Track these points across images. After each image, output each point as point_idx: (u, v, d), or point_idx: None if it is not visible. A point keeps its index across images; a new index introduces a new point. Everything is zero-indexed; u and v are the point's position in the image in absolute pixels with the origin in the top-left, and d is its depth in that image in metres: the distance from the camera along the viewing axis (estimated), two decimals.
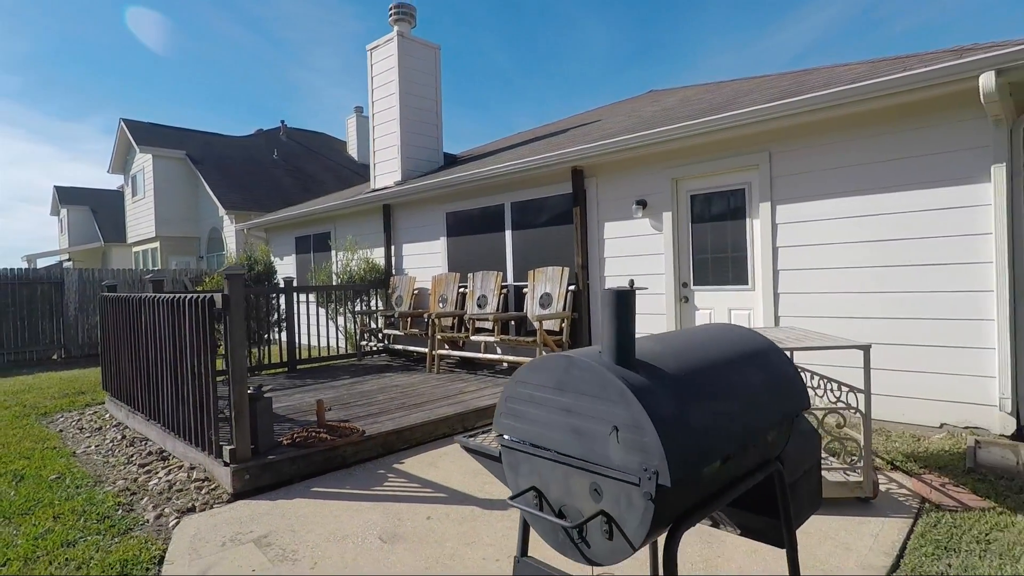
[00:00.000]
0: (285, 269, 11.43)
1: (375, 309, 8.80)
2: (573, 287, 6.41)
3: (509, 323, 6.97)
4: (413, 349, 8.05)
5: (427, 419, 4.66)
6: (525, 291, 6.88)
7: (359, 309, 8.75)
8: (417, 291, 8.46)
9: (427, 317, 7.23)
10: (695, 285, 5.66)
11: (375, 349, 8.71)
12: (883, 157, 4.48)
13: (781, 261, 5.01)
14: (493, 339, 6.48)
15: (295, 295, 7.76)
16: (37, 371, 9.40)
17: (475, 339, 6.86)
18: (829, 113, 4.50)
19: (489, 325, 6.95)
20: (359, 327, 8.61)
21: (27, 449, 4.64)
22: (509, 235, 7.31)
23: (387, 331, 8.36)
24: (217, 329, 3.82)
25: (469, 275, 7.46)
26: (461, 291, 7.63)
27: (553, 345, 6.05)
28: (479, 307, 7.16)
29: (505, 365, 6.98)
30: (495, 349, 6.98)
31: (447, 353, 7.33)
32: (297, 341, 7.72)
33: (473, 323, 7.17)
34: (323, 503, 3.41)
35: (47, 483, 3.84)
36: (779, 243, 5.01)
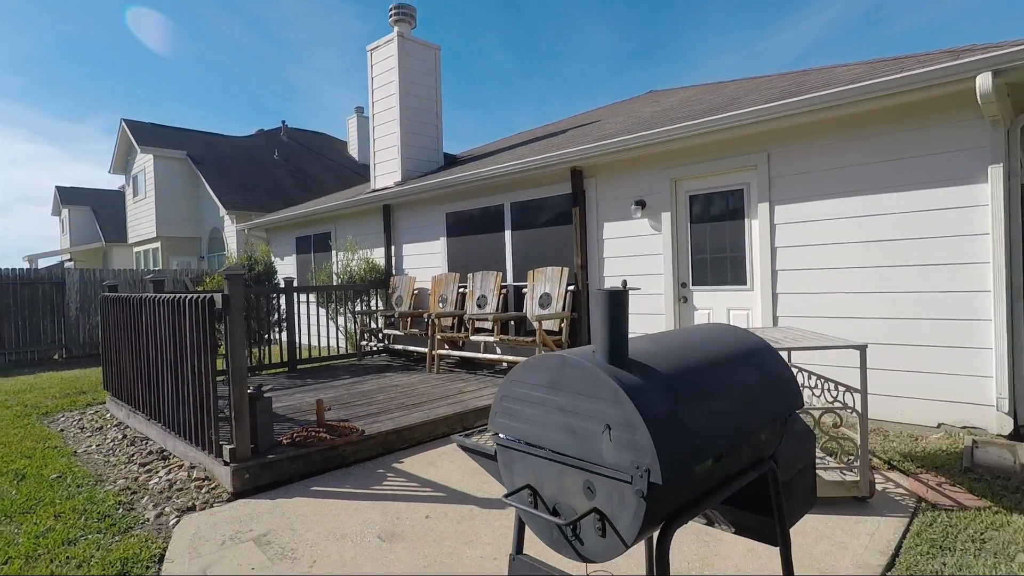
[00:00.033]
0: (286, 269, 11.46)
1: (375, 309, 8.82)
2: (572, 287, 6.42)
3: (509, 323, 6.99)
4: (413, 349, 8.07)
5: (426, 419, 4.68)
6: (525, 291, 6.90)
7: (359, 309, 8.77)
8: (417, 291, 8.48)
9: (427, 317, 7.25)
10: (694, 285, 5.67)
11: (375, 349, 8.73)
12: (881, 158, 4.49)
13: (779, 261, 5.02)
14: (493, 339, 6.50)
15: (295, 295, 7.78)
16: (38, 371, 9.43)
17: (475, 339, 6.88)
18: (827, 114, 4.51)
19: (489, 325, 6.96)
20: (359, 327, 8.63)
21: (28, 448, 4.67)
22: (509, 235, 7.33)
23: (387, 331, 8.38)
24: (218, 329, 3.83)
25: (469, 275, 7.47)
26: (461, 291, 7.65)
27: (552, 345, 6.07)
28: (479, 307, 7.18)
29: (504, 365, 7.00)
30: (495, 349, 7.00)
31: (447, 353, 7.35)
32: (297, 341, 7.74)
33: (473, 323, 7.19)
34: (322, 502, 3.43)
35: (48, 482, 3.86)
36: (777, 243, 5.02)
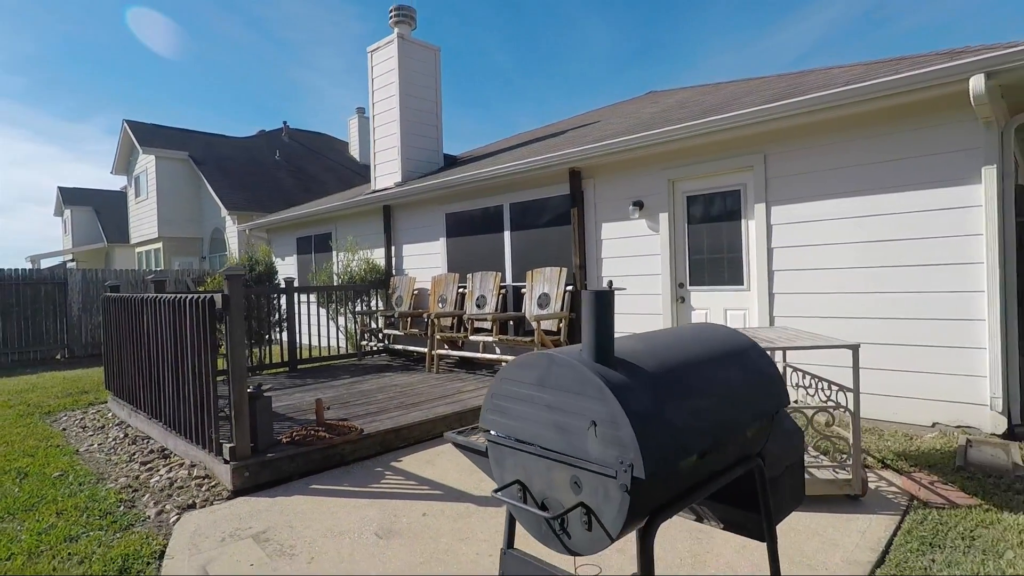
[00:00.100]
0: (287, 269, 11.51)
1: (375, 309, 8.86)
2: (571, 287, 6.46)
3: (508, 323, 7.02)
4: (413, 349, 8.11)
5: (425, 418, 4.71)
6: (524, 291, 6.94)
7: (359, 309, 8.81)
8: (417, 291, 8.52)
9: (427, 317, 7.29)
10: (691, 285, 5.70)
11: (375, 349, 8.78)
12: (877, 159, 4.52)
13: (776, 262, 5.05)
14: (492, 339, 6.53)
15: (296, 295, 7.82)
16: (41, 370, 9.48)
17: (474, 339, 6.92)
18: (823, 115, 4.54)
19: (488, 325, 7.00)
20: (359, 327, 8.68)
21: (31, 447, 4.71)
22: (508, 236, 7.36)
23: (387, 331, 8.43)
24: (218, 329, 3.88)
25: (468, 275, 7.51)
26: (460, 291, 7.68)
27: (551, 345, 6.10)
28: (478, 307, 7.22)
29: (503, 365, 7.03)
30: (494, 349, 7.03)
31: (446, 353, 7.38)
32: (298, 341, 7.78)
33: (472, 323, 7.23)
34: (321, 500, 3.47)
35: (50, 480, 3.90)
36: (774, 244, 5.05)
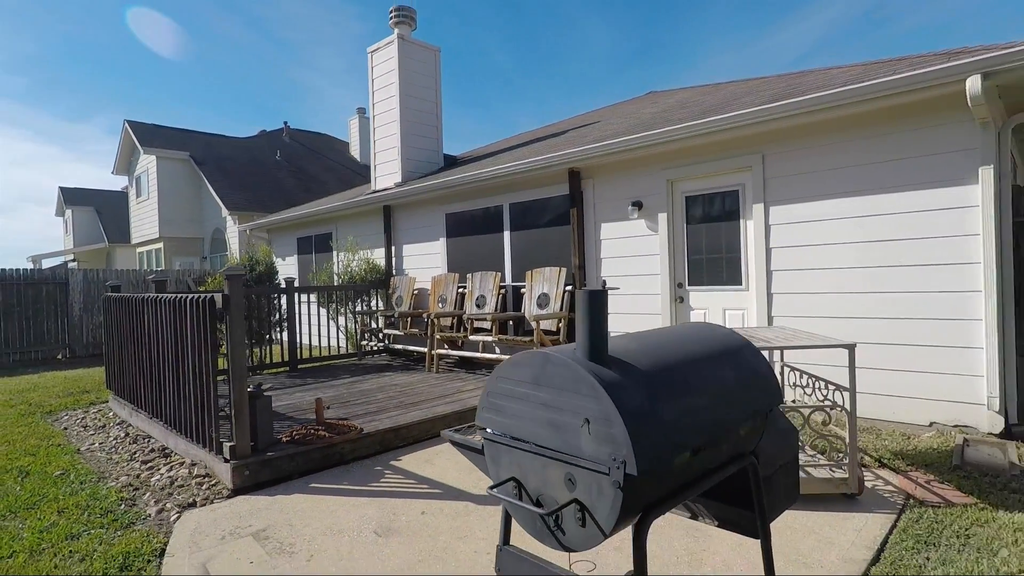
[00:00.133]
0: (287, 269, 11.53)
1: (375, 309, 8.88)
2: (570, 287, 6.48)
3: (507, 323, 7.04)
4: (413, 349, 8.13)
5: (424, 417, 4.73)
6: (523, 291, 6.96)
7: (360, 309, 8.83)
8: (417, 291, 8.54)
9: (426, 317, 7.31)
10: (690, 285, 5.72)
11: (375, 349, 8.80)
12: (876, 159, 4.53)
13: (774, 262, 5.07)
14: (491, 339, 6.55)
15: (296, 295, 7.84)
16: (42, 370, 9.51)
17: (474, 339, 6.93)
18: (820, 116, 4.56)
19: (487, 325, 7.02)
20: (359, 327, 8.70)
21: (32, 446, 4.74)
22: (507, 236, 7.38)
23: (387, 331, 8.45)
24: (219, 328, 3.90)
25: (468, 275, 7.53)
26: (460, 291, 7.70)
27: (550, 345, 6.10)
28: (478, 307, 7.23)
29: (500, 363, 7.05)
30: (493, 349, 7.05)
31: (446, 353, 7.40)
32: (298, 341, 7.80)
33: (472, 323, 7.24)
34: (321, 498, 3.49)
35: (52, 479, 3.92)
36: (772, 244, 5.07)
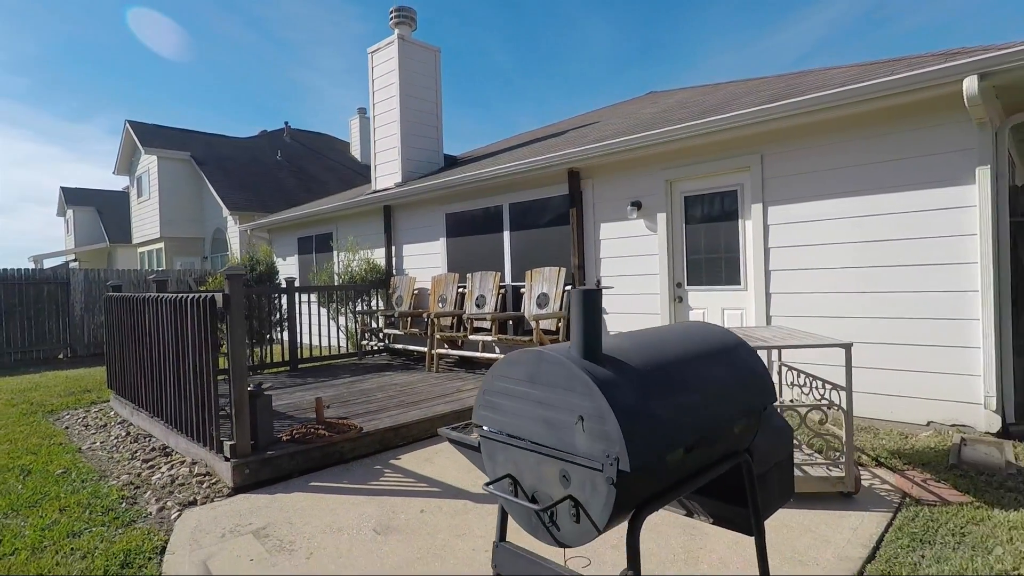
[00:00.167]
0: (288, 269, 11.56)
1: (376, 309, 8.91)
2: (569, 287, 6.49)
3: (507, 323, 7.06)
4: (413, 348, 8.15)
5: (424, 416, 4.75)
6: (523, 291, 6.97)
7: (360, 309, 8.86)
8: (417, 291, 8.57)
9: (427, 317, 7.33)
10: (689, 285, 5.73)
11: (376, 348, 8.82)
12: (874, 159, 4.55)
13: (773, 261, 5.08)
14: (491, 338, 6.57)
15: (297, 295, 7.87)
16: (44, 370, 9.54)
17: (473, 338, 6.95)
18: (817, 116, 4.57)
19: (487, 325, 7.04)
20: (360, 327, 8.72)
21: (34, 445, 4.76)
22: (507, 236, 7.40)
23: (387, 331, 8.47)
24: (220, 328, 3.92)
25: (468, 275, 7.55)
26: (460, 291, 7.72)
27: (550, 344, 6.13)
28: (477, 307, 7.25)
29: (496, 362, 7.07)
30: (493, 348, 7.07)
31: (446, 352, 7.42)
32: (299, 340, 7.82)
33: (471, 323, 7.26)
34: (320, 497, 3.51)
35: (53, 477, 3.95)
36: (771, 244, 5.08)
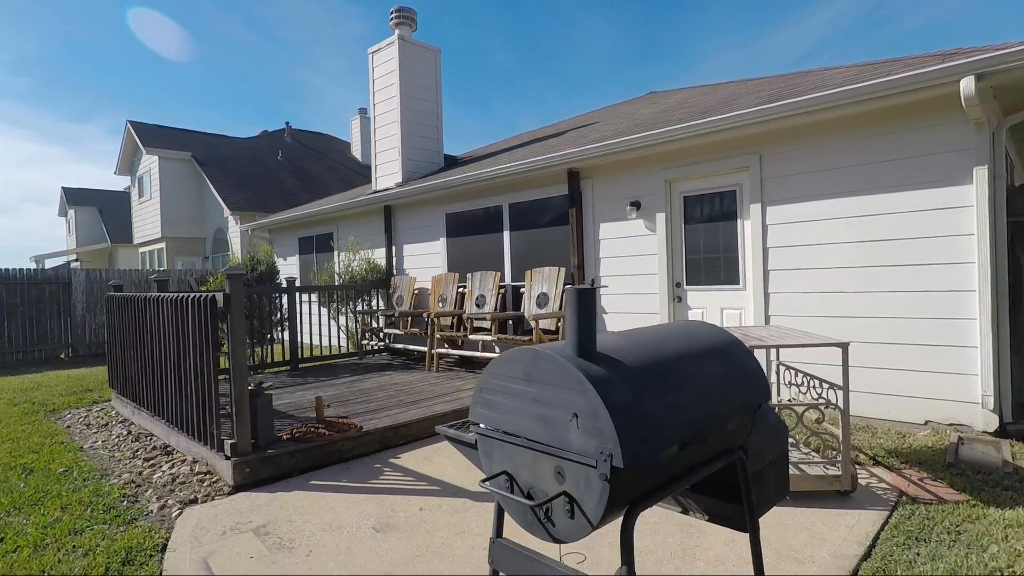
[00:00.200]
0: (288, 269, 11.58)
1: (376, 309, 8.93)
2: (569, 287, 6.50)
3: (507, 322, 7.08)
4: (413, 348, 8.17)
5: (423, 415, 4.77)
6: (522, 291, 6.99)
7: (360, 309, 8.88)
8: (417, 291, 8.59)
9: (427, 316, 7.35)
10: (688, 285, 5.75)
11: (376, 348, 8.84)
12: (872, 159, 4.56)
13: (771, 261, 5.10)
14: (491, 338, 6.59)
15: (297, 295, 7.89)
16: (45, 369, 9.57)
17: (473, 338, 6.97)
18: (816, 116, 4.59)
19: (487, 324, 7.06)
20: (360, 326, 8.75)
21: (36, 444, 4.79)
22: (507, 236, 7.42)
23: (388, 330, 8.49)
24: (220, 328, 3.94)
25: (468, 275, 7.57)
26: (460, 291, 7.74)
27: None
28: (477, 307, 7.27)
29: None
30: (493, 348, 7.09)
31: (446, 352, 7.44)
32: (299, 340, 7.85)
33: (471, 322, 7.28)
34: (320, 495, 3.53)
35: (55, 476, 3.97)
36: (769, 244, 5.10)
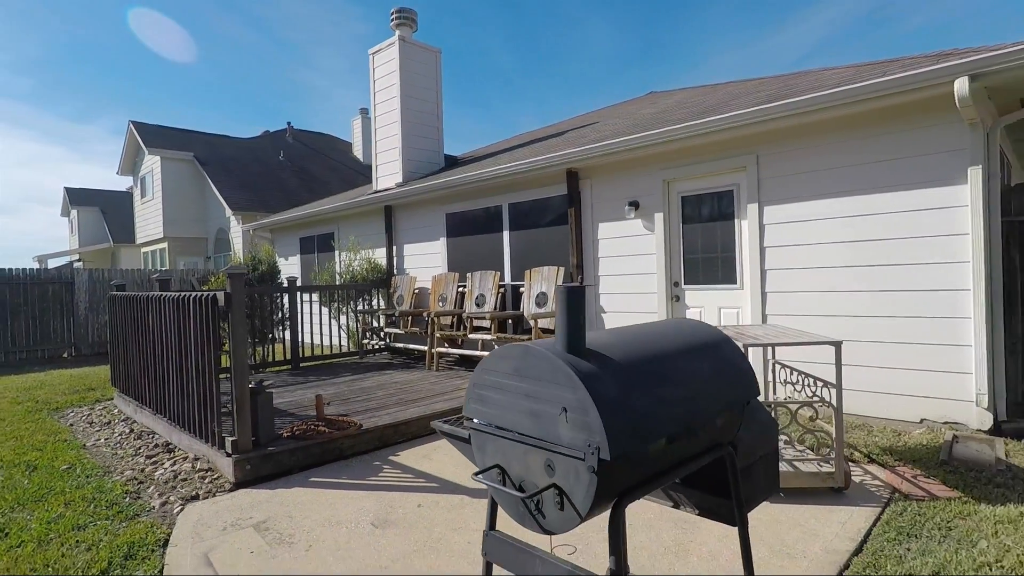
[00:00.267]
0: (290, 269, 11.64)
1: (377, 308, 8.98)
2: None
3: (506, 321, 7.12)
4: (414, 347, 8.21)
5: (423, 414, 4.82)
6: (522, 290, 7.03)
7: (361, 308, 8.93)
8: (418, 290, 8.63)
9: (427, 316, 7.40)
10: (686, 284, 5.78)
11: (377, 347, 8.89)
12: (868, 159, 4.59)
13: (768, 261, 5.13)
14: (490, 337, 6.63)
15: (299, 294, 7.94)
16: (48, 368, 9.64)
17: (473, 337, 7.01)
18: (812, 117, 4.61)
19: (487, 323, 7.10)
20: (361, 326, 8.79)
21: (39, 442, 4.84)
22: (507, 236, 7.46)
23: (388, 330, 8.54)
24: (222, 327, 3.99)
25: (468, 275, 7.61)
26: (460, 290, 7.79)
27: None
28: (477, 306, 7.31)
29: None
30: (492, 347, 7.12)
31: (446, 351, 7.49)
32: (300, 339, 7.90)
33: (471, 321, 7.33)
34: (320, 492, 3.57)
35: (59, 473, 4.02)
36: (766, 243, 5.13)
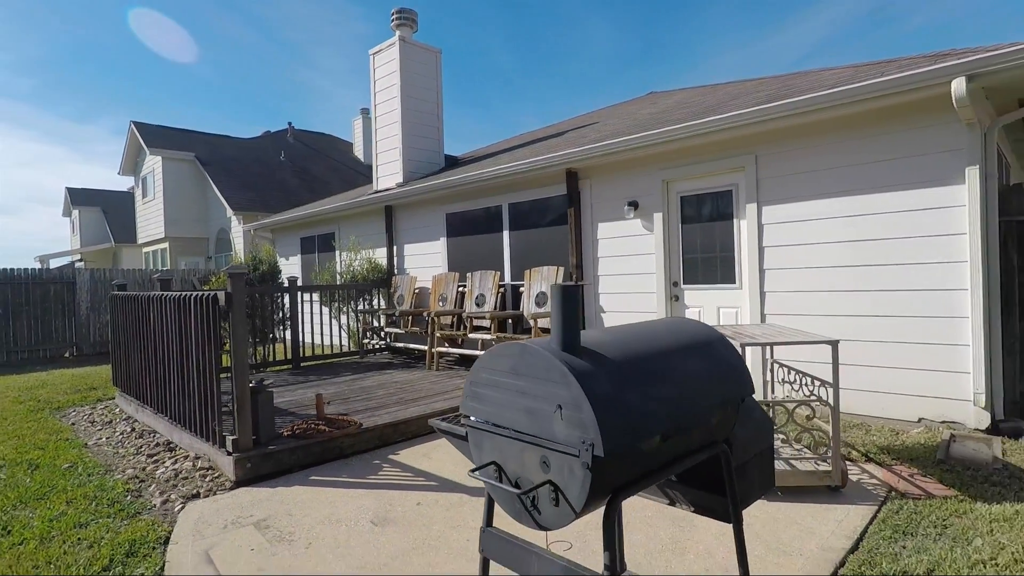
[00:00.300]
0: (291, 269, 11.66)
1: (377, 308, 9.00)
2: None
3: (506, 321, 7.14)
4: (414, 347, 8.23)
5: (422, 413, 4.84)
6: (522, 290, 7.05)
7: (362, 308, 8.95)
8: (418, 290, 8.65)
9: (427, 315, 7.42)
10: (685, 284, 5.80)
11: (377, 347, 8.91)
12: (867, 159, 4.61)
13: (767, 260, 5.15)
14: (490, 337, 6.65)
15: (299, 294, 7.97)
16: (50, 368, 9.67)
17: (473, 337, 7.03)
18: (811, 117, 4.63)
19: (487, 323, 7.12)
20: (362, 325, 8.82)
21: (42, 440, 4.86)
22: (507, 235, 7.48)
23: (389, 329, 8.56)
24: (223, 326, 4.01)
25: (468, 274, 7.63)
26: (460, 290, 7.81)
27: None
28: (477, 306, 7.33)
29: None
30: (492, 347, 7.15)
31: (446, 351, 7.51)
32: (301, 339, 7.92)
33: (471, 321, 7.35)
34: (320, 490, 3.59)
35: (60, 471, 4.04)
36: (765, 243, 5.15)
